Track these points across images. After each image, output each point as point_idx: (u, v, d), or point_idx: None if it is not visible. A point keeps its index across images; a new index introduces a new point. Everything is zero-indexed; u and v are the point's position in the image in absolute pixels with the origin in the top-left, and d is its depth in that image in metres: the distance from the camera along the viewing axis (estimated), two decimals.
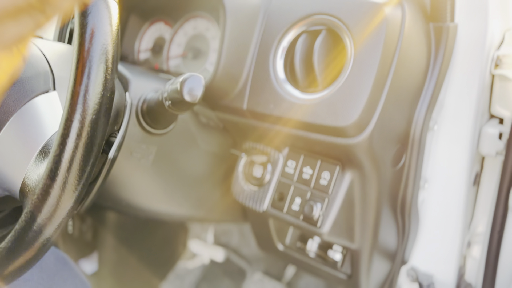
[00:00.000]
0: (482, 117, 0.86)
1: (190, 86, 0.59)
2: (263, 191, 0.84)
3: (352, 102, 0.66)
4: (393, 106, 0.71)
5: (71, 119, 0.45)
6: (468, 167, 0.86)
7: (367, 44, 0.66)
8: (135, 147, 0.70)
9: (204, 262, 1.57)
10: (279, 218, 0.82)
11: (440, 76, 0.77)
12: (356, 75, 0.66)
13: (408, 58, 0.70)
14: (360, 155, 0.71)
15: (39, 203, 0.46)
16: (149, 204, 0.82)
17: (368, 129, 0.69)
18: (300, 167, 0.80)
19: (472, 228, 0.95)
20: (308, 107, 0.70)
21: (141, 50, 1.05)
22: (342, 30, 0.69)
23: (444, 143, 0.86)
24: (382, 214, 0.82)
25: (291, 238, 0.99)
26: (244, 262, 1.52)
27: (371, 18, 0.66)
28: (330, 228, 0.76)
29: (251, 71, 0.77)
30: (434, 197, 0.90)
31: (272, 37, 0.75)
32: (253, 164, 0.86)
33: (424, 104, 0.77)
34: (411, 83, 0.73)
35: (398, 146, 0.77)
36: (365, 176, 0.75)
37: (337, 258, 0.90)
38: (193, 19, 0.97)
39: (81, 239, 1.35)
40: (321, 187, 0.77)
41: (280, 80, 0.74)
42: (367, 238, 0.82)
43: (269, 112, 0.74)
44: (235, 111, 0.80)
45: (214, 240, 1.56)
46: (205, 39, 0.95)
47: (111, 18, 0.48)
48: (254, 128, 0.81)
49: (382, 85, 0.67)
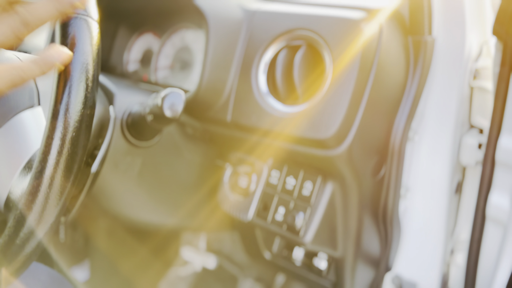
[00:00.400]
0: (462, 127, 0.88)
1: (171, 102, 0.61)
2: (248, 201, 0.86)
3: (330, 115, 0.68)
4: (371, 118, 0.73)
5: (52, 136, 0.46)
6: (449, 176, 0.88)
7: (345, 58, 0.68)
8: (120, 160, 0.72)
9: (196, 269, 1.58)
10: (264, 228, 0.84)
11: (419, 88, 0.79)
12: (334, 89, 0.68)
13: (386, 71, 0.72)
14: (340, 166, 0.73)
15: (22, 218, 0.48)
16: (136, 214, 0.84)
17: (347, 141, 0.70)
18: (283, 178, 0.82)
19: (455, 235, 0.97)
20: (289, 120, 0.72)
21: (130, 61, 1.07)
22: (321, 45, 0.71)
23: (425, 153, 0.88)
24: (364, 223, 0.83)
25: (278, 246, 1.01)
26: (236, 268, 1.53)
27: (348, 33, 0.68)
28: (312, 237, 0.78)
29: (234, 84, 0.78)
30: (416, 205, 0.92)
31: (255, 51, 0.77)
32: (238, 175, 0.88)
33: (403, 115, 0.79)
34: (389, 95, 0.75)
35: (377, 157, 0.78)
36: (346, 186, 0.76)
37: (322, 266, 0.92)
38: (181, 31, 0.99)
39: (73, 247, 1.36)
40: (304, 197, 0.79)
41: (263, 93, 0.76)
42: (349, 247, 0.84)
43: (252, 124, 0.76)
44: (219, 122, 0.81)
45: (206, 247, 1.57)
46: (192, 50, 0.97)
47: (92, 38, 0.50)
48: (238, 140, 0.82)
49: (360, 98, 0.69)
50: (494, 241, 0.83)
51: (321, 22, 0.71)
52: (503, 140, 0.78)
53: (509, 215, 0.79)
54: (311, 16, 0.72)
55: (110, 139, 0.67)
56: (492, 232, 0.83)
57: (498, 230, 0.82)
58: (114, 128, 0.69)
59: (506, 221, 0.80)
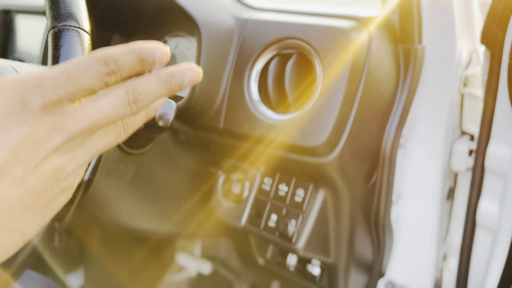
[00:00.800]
0: (454, 134, 0.89)
1: (162, 111, 0.61)
2: (241, 207, 0.86)
3: (321, 123, 0.69)
4: (362, 126, 0.73)
5: None
6: (440, 182, 0.89)
7: (335, 67, 0.69)
8: (113, 167, 0.72)
9: (192, 275, 1.58)
10: (257, 234, 0.84)
11: (409, 96, 0.79)
12: (324, 97, 0.69)
13: (376, 79, 0.73)
14: (332, 173, 0.74)
15: None
16: (129, 221, 0.84)
17: (338, 149, 0.71)
18: (276, 184, 0.82)
19: (448, 241, 0.98)
20: (281, 128, 0.73)
21: None
22: (312, 54, 0.71)
23: (416, 159, 0.89)
24: (356, 229, 0.84)
25: (272, 252, 1.01)
26: (231, 274, 1.53)
27: (338, 42, 0.69)
28: (304, 244, 0.78)
29: (226, 92, 0.79)
30: (408, 211, 0.93)
31: (247, 59, 0.78)
32: (231, 182, 0.88)
33: (394, 122, 0.79)
34: (380, 102, 0.76)
35: (369, 164, 0.79)
36: (337, 193, 0.77)
37: (315, 272, 0.93)
38: (174, 39, 1.00)
39: (67, 253, 1.36)
40: (296, 204, 0.79)
41: (254, 101, 0.77)
42: (342, 253, 0.84)
43: (244, 132, 0.77)
44: (212, 130, 0.82)
45: (201, 253, 1.57)
46: (186, 58, 0.97)
47: (84, 50, 0.51)
48: (231, 147, 0.83)
49: (350, 106, 0.70)
50: (485, 247, 0.84)
51: (311, 31, 0.72)
52: (492, 148, 0.79)
53: (498, 221, 0.80)
54: (301, 25, 0.73)
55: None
56: (482, 238, 0.84)
57: (488, 236, 0.83)
58: None
59: (495, 227, 0.80)
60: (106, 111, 0.35)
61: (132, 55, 0.35)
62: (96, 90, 0.34)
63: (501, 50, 0.73)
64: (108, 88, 0.36)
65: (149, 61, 0.36)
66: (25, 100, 0.32)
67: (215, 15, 0.80)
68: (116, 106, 0.35)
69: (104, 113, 0.35)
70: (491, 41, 0.73)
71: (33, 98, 0.32)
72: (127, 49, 0.35)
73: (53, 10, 0.49)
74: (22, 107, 0.32)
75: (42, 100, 0.32)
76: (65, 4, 0.51)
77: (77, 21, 0.51)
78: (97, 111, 0.34)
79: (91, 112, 0.34)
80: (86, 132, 0.34)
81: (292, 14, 0.80)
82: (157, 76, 0.37)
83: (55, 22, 0.48)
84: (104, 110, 0.35)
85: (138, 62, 0.36)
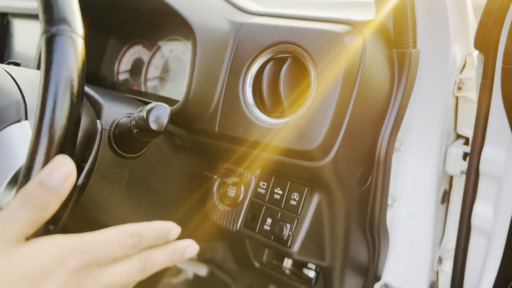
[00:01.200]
0: (448, 137, 0.89)
1: (156, 115, 0.61)
2: (236, 211, 0.86)
3: (315, 127, 0.69)
4: (356, 130, 0.74)
5: (36, 151, 0.47)
6: (435, 186, 0.89)
7: (329, 71, 0.69)
8: (108, 171, 0.72)
9: (189, 277, 1.58)
10: (252, 238, 0.84)
11: (404, 99, 0.80)
12: (319, 101, 0.69)
13: (371, 83, 0.73)
14: (326, 177, 0.74)
15: None
16: None
17: (332, 152, 0.71)
18: (271, 188, 0.82)
19: (443, 244, 0.98)
20: (275, 132, 0.73)
21: (120, 72, 1.08)
22: (306, 58, 0.72)
23: (411, 163, 0.89)
24: (351, 233, 0.84)
25: (268, 255, 1.01)
26: (228, 277, 1.53)
27: (332, 47, 0.69)
28: (299, 248, 0.78)
29: (222, 95, 0.79)
30: (403, 215, 0.93)
31: (241, 63, 0.78)
32: (226, 185, 0.88)
33: (389, 126, 0.80)
34: (374, 106, 0.76)
35: (363, 167, 0.79)
36: (332, 196, 0.77)
37: (311, 275, 0.93)
38: (170, 42, 1.00)
39: None
40: (291, 208, 0.79)
41: (249, 105, 0.77)
42: (337, 256, 0.85)
43: (239, 136, 0.77)
44: (207, 133, 0.82)
45: (198, 256, 1.57)
46: (181, 61, 0.97)
47: (77, 54, 0.51)
48: (227, 150, 0.83)
49: (344, 110, 0.70)
50: (480, 250, 0.84)
51: (305, 35, 0.72)
52: (486, 151, 0.79)
53: (493, 225, 0.80)
54: (296, 30, 0.73)
55: (97, 151, 0.68)
56: (477, 242, 0.84)
57: (483, 240, 0.83)
58: (101, 140, 0.69)
59: (490, 230, 0.80)
60: (122, 276, 0.42)
61: (152, 232, 0.45)
62: (118, 258, 0.42)
63: (494, 54, 0.74)
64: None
65: (164, 238, 0.47)
66: (64, 260, 0.39)
67: (210, 19, 0.80)
68: (131, 272, 0.43)
69: (120, 277, 0.42)
70: (484, 45, 0.73)
71: (71, 260, 0.39)
72: (150, 226, 0.45)
73: (46, 14, 0.49)
74: (61, 266, 0.39)
75: (77, 263, 0.39)
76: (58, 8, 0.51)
77: (71, 26, 0.51)
78: (115, 274, 0.42)
79: (111, 275, 0.41)
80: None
81: (287, 18, 0.80)
82: (165, 250, 0.46)
83: (48, 26, 0.48)
84: (121, 275, 0.42)
85: (155, 238, 0.46)
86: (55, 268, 0.38)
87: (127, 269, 0.43)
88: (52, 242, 0.40)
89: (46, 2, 0.51)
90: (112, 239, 0.42)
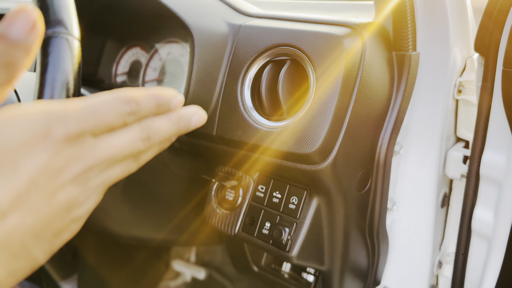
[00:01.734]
0: (448, 140, 0.89)
1: None
2: (234, 215, 0.85)
3: (314, 131, 0.68)
4: (356, 133, 0.73)
5: None
6: (435, 189, 0.88)
7: (328, 74, 0.68)
8: None
9: (187, 281, 1.57)
10: (250, 242, 0.83)
11: (404, 102, 0.79)
12: (318, 104, 0.68)
13: (370, 86, 0.73)
14: (325, 180, 0.73)
15: None
16: (121, 230, 0.83)
17: (331, 156, 0.71)
18: (270, 192, 0.82)
19: (443, 248, 0.97)
20: (274, 135, 0.72)
21: (118, 74, 1.07)
22: (305, 60, 0.71)
23: (411, 166, 0.89)
24: (350, 237, 0.83)
25: (266, 259, 1.00)
26: (226, 280, 1.52)
27: (331, 49, 0.68)
28: (298, 252, 0.78)
29: (220, 98, 0.79)
30: (403, 218, 0.92)
31: (240, 66, 0.77)
32: (225, 189, 0.88)
33: (388, 129, 0.79)
34: (374, 109, 0.76)
35: (363, 171, 0.79)
36: (331, 200, 0.76)
37: (310, 279, 0.92)
38: (168, 45, 1.00)
39: (61, 260, 1.35)
40: (290, 212, 0.79)
41: (248, 108, 0.76)
42: (336, 261, 0.84)
43: (238, 139, 0.76)
44: (205, 136, 0.81)
45: (197, 259, 1.56)
46: (179, 64, 0.97)
47: (73, 57, 0.50)
48: (225, 153, 0.82)
49: (343, 113, 0.70)
50: (480, 254, 0.83)
51: (304, 38, 0.71)
52: (487, 155, 0.79)
53: (493, 229, 0.79)
54: (295, 32, 0.73)
55: None
56: (477, 246, 0.83)
57: (484, 244, 0.82)
58: None
59: (490, 234, 0.80)
60: (123, 146, 0.37)
61: (152, 99, 0.39)
62: (115, 127, 0.37)
63: (495, 56, 0.73)
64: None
65: (165, 106, 0.40)
66: (49, 130, 0.33)
67: (208, 21, 0.79)
68: (132, 141, 0.38)
69: (121, 147, 0.37)
70: (485, 48, 0.73)
71: (57, 128, 0.33)
72: (148, 93, 0.39)
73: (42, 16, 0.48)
74: (46, 136, 0.33)
75: (65, 131, 0.33)
76: (54, 10, 0.50)
77: (67, 28, 0.50)
78: (115, 145, 0.37)
79: (110, 145, 0.36)
80: (103, 164, 0.36)
81: (286, 21, 0.79)
82: (168, 117, 0.41)
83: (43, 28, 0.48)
84: (121, 145, 0.37)
85: (156, 106, 0.40)
86: (39, 139, 0.32)
87: (128, 138, 0.37)
88: (32, 110, 0.33)
89: (42, 4, 0.50)
90: (105, 105, 0.36)
